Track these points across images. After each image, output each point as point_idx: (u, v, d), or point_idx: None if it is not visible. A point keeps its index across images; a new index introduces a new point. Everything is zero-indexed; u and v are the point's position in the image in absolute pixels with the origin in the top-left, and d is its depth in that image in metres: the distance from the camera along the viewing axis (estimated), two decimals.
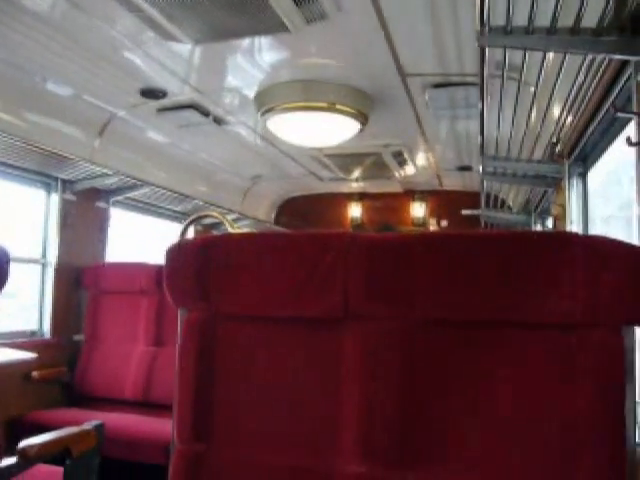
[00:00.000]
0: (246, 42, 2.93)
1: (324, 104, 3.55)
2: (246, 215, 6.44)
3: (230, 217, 5.77)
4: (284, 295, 1.53)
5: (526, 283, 1.38)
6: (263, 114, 3.68)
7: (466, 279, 1.41)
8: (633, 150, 1.80)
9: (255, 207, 6.79)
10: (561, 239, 1.42)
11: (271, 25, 2.67)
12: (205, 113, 3.97)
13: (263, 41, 2.92)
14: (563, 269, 1.36)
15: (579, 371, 1.39)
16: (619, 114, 1.94)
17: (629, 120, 1.96)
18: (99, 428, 2.36)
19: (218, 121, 4.17)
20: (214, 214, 4.28)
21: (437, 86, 3.45)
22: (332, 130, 3.91)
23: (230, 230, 3.72)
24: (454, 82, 3.36)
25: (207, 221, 5.51)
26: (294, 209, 7.23)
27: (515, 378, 1.42)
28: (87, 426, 2.32)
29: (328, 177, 6.24)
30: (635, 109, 1.75)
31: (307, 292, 1.50)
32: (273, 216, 7.36)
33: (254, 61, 3.18)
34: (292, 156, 5.30)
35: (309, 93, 3.50)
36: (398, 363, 1.45)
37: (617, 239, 1.40)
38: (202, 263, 1.58)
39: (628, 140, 1.73)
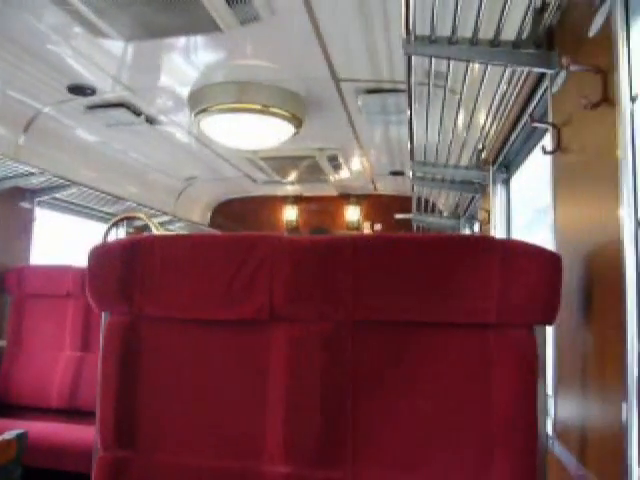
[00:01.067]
0: (179, 41, 2.89)
1: (258, 106, 3.55)
2: (180, 217, 6.34)
3: (163, 219, 5.68)
4: (210, 297, 1.52)
5: (447, 285, 1.43)
6: (196, 115, 3.64)
7: (390, 281, 1.45)
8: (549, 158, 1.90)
9: (189, 209, 6.69)
10: (480, 243, 1.48)
11: (204, 24, 2.65)
12: (137, 112, 3.89)
13: (196, 40, 2.89)
14: (481, 271, 1.42)
15: (495, 368, 1.45)
16: (535, 124, 2.04)
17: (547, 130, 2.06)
18: (21, 437, 2.27)
19: (150, 121, 4.10)
20: (140, 215, 4.19)
21: (370, 92, 3.52)
22: (266, 133, 3.91)
23: (155, 232, 3.65)
24: (386, 88, 3.43)
25: (139, 223, 5.40)
26: (230, 211, 7.18)
27: (437, 376, 1.47)
28: (8, 436, 2.23)
29: (263, 180, 6.23)
30: (550, 120, 1.84)
31: (233, 294, 1.50)
32: (208, 218, 7.28)
33: (188, 60, 3.15)
34: (227, 158, 5.26)
35: (243, 95, 3.49)
36: (322, 364, 1.47)
37: (533, 243, 1.47)
38: (125, 265, 1.55)
39: (543, 149, 1.82)
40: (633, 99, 1.30)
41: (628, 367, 1.31)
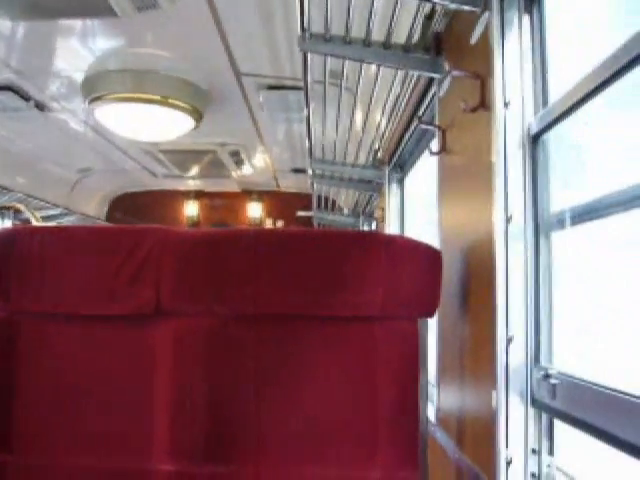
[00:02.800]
0: (74, 24, 2.76)
1: (156, 97, 3.45)
2: (73, 210, 6.06)
3: (54, 212, 5.40)
4: (93, 292, 1.47)
5: (334, 279, 1.47)
6: (91, 102, 3.49)
7: (278, 275, 1.46)
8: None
9: (84, 202, 6.41)
10: (366, 239, 1.53)
11: (99, 8, 2.53)
12: (25, 97, 3.67)
13: (93, 24, 2.77)
14: (367, 266, 1.46)
15: (380, 359, 1.50)
16: (422, 126, 2.13)
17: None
18: None
19: (41, 107, 3.87)
20: (18, 206, 3.95)
21: (271, 88, 3.51)
22: (165, 125, 3.81)
23: (35, 223, 3.47)
24: (287, 85, 3.44)
25: (25, 216, 5.10)
26: (128, 205, 6.93)
27: (326, 368, 1.50)
28: None
29: (164, 174, 6.08)
30: (437, 122, 1.92)
31: (118, 288, 1.45)
32: (105, 212, 7.01)
33: (83, 45, 3.01)
34: (125, 150, 5.09)
35: (141, 84, 3.38)
36: (208, 359, 1.46)
37: (417, 240, 1.53)
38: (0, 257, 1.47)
39: (430, 150, 1.90)
40: (506, 105, 1.39)
41: (497, 357, 1.40)
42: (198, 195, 6.93)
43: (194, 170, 5.89)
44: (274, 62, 3.14)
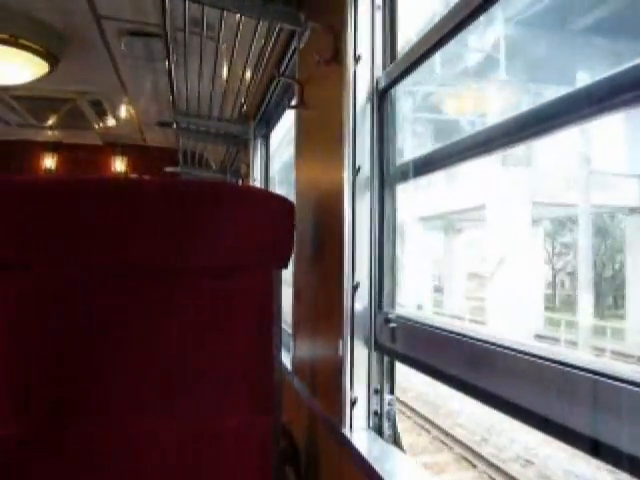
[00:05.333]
0: None
1: (5, 36, 3.17)
2: None
3: None
4: None
5: (186, 229, 1.45)
6: None
7: (125, 225, 1.42)
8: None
9: None
10: (218, 188, 1.51)
11: None
12: None
13: None
14: (219, 216, 1.45)
15: (235, 309, 1.51)
16: (282, 79, 2.13)
17: None
18: None
19: None
20: None
21: (133, 34, 3.33)
22: (16, 67, 3.51)
23: None
24: (150, 32, 3.27)
25: None
26: None
27: (179, 320, 1.48)
28: None
29: (17, 122, 5.61)
30: (297, 76, 1.93)
31: None
32: None
33: None
34: None
35: None
36: (54, 314, 1.40)
37: (270, 191, 1.55)
38: None
39: (288, 104, 1.91)
40: (357, 59, 1.42)
41: (344, 304, 1.46)
42: (57, 147, 6.46)
43: (52, 120, 5.48)
44: (135, 6, 2.97)
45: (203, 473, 1.47)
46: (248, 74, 2.66)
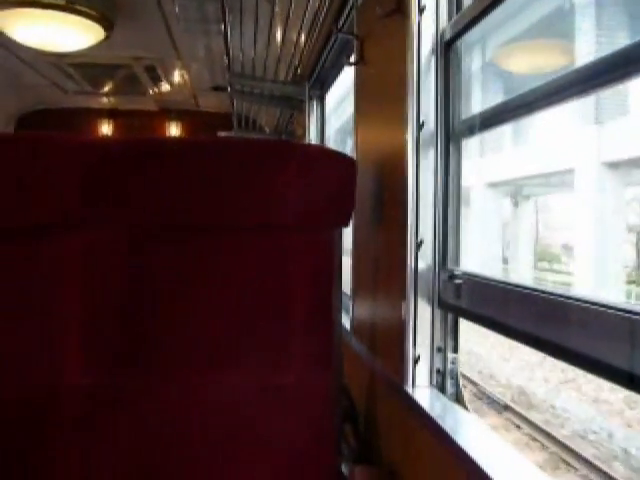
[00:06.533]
0: None
1: (61, 1, 3.21)
2: None
3: None
4: None
5: (243, 188, 1.45)
6: None
7: (186, 184, 1.43)
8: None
9: None
10: (277, 147, 1.51)
11: None
12: None
13: None
14: (279, 174, 1.45)
15: (294, 268, 1.52)
16: (340, 35, 2.09)
17: None
18: None
19: None
20: None
21: None
22: (72, 33, 3.55)
23: None
24: None
25: None
26: (37, 124, 6.47)
27: (239, 278, 1.50)
28: None
29: (74, 90, 5.70)
30: (355, 32, 1.89)
31: (19, 199, 1.38)
32: (11, 132, 6.54)
33: None
34: (28, 61, 4.71)
35: None
36: (119, 270, 1.43)
37: (331, 149, 1.53)
38: None
39: (347, 61, 1.88)
40: (421, 10, 1.38)
41: (407, 261, 1.45)
42: (113, 114, 6.56)
43: (108, 86, 5.56)
44: None
45: (266, 427, 1.51)
46: (304, 33, 2.62)
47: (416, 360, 1.49)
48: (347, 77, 2.82)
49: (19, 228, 1.41)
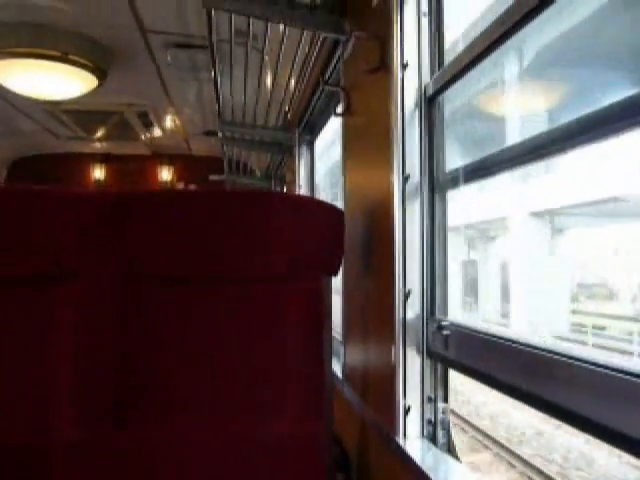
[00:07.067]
0: None
1: (56, 53, 3.28)
2: None
3: None
4: None
5: (236, 239, 1.47)
6: None
7: (178, 236, 1.45)
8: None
9: None
10: (267, 198, 1.53)
11: None
12: None
13: None
14: (269, 226, 1.47)
15: (286, 317, 1.53)
16: (327, 88, 2.14)
17: None
18: None
19: None
20: None
21: (179, 46, 3.40)
22: (66, 82, 3.62)
23: None
24: (195, 44, 3.34)
25: None
26: (30, 170, 6.51)
27: (232, 327, 1.50)
28: None
29: (67, 135, 5.77)
30: (342, 84, 1.94)
31: (17, 249, 1.39)
32: (3, 177, 6.57)
33: None
34: (22, 109, 4.78)
35: (38, 39, 3.19)
36: (113, 321, 1.43)
37: (320, 199, 1.56)
38: None
39: (334, 111, 1.92)
40: (404, 66, 1.42)
41: (396, 311, 1.46)
42: (105, 158, 6.63)
43: (100, 132, 5.64)
44: (181, 19, 3.03)
45: (259, 477, 1.49)
46: (292, 82, 2.68)
47: (407, 410, 1.49)
48: (337, 120, 2.88)
49: (12, 277, 1.41)
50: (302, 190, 3.33)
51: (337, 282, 1.69)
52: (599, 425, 0.83)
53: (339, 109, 1.94)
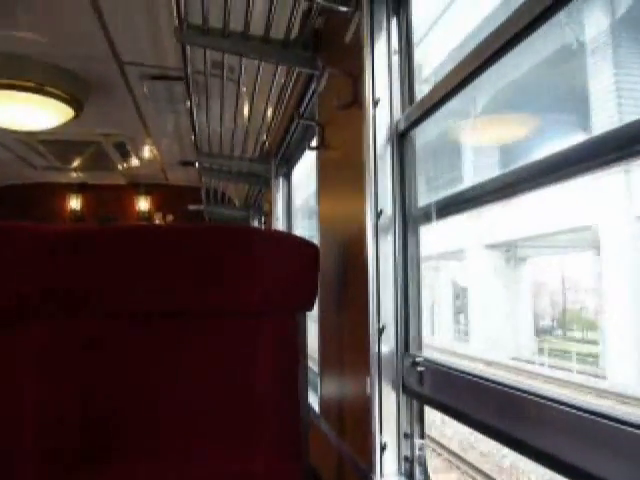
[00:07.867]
0: None
1: (31, 84, 3.26)
2: None
3: None
4: None
5: (209, 275, 1.45)
6: None
7: (149, 272, 1.42)
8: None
9: None
10: (241, 233, 1.52)
11: None
12: None
13: None
14: (243, 261, 1.46)
15: (259, 354, 1.51)
16: (302, 121, 2.16)
17: None
18: None
19: None
20: None
21: (155, 78, 3.41)
22: (41, 114, 3.60)
23: None
24: (171, 76, 3.35)
25: None
26: (6, 200, 6.45)
27: (203, 365, 1.48)
28: None
29: (43, 165, 5.73)
30: (317, 118, 1.95)
31: None
32: None
33: None
34: None
35: (14, 70, 3.18)
36: (80, 363, 1.40)
37: (294, 235, 1.55)
38: None
39: (308, 145, 1.93)
40: (376, 103, 1.43)
41: (370, 346, 1.45)
42: (82, 188, 6.58)
43: (77, 162, 5.60)
44: (157, 52, 3.04)
45: None
46: (269, 114, 2.70)
47: (383, 447, 1.47)
48: (312, 154, 2.90)
49: None
50: (279, 222, 3.33)
51: (313, 310, 1.68)
52: (564, 463, 0.83)
53: (314, 142, 1.95)
